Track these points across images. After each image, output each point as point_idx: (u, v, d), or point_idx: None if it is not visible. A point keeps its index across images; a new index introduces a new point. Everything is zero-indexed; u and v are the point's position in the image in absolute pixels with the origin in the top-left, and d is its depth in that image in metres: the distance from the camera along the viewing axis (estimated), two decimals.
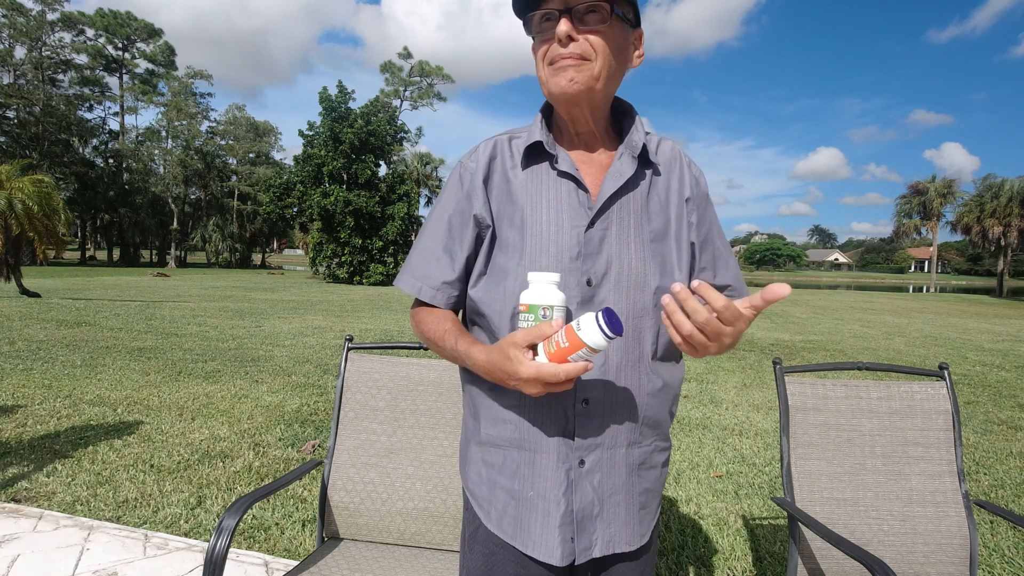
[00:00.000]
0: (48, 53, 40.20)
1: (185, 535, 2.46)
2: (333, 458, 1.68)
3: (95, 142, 44.80)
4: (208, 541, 1.97)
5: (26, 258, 14.97)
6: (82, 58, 43.45)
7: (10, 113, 37.63)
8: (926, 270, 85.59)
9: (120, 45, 46.29)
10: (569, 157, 0.96)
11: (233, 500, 2.27)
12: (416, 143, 47.81)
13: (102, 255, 51.24)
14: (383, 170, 32.39)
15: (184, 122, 47.34)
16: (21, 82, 38.91)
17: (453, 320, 0.99)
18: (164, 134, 48.12)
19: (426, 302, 1.01)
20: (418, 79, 45.20)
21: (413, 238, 29.70)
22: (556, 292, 0.86)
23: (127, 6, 63.04)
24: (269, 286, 21.53)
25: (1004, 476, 3.52)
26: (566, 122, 0.98)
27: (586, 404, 0.92)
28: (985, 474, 3.55)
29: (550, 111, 1.03)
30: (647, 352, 0.95)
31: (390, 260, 28.77)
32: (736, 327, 0.75)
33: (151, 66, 48.89)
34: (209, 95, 76.63)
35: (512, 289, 0.93)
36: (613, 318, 0.76)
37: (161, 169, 47.57)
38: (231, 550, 2.25)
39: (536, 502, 0.94)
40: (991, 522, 2.82)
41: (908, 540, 1.54)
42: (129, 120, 53.95)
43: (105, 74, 46.20)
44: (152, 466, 3.19)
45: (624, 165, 0.95)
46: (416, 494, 1.64)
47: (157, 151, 47.68)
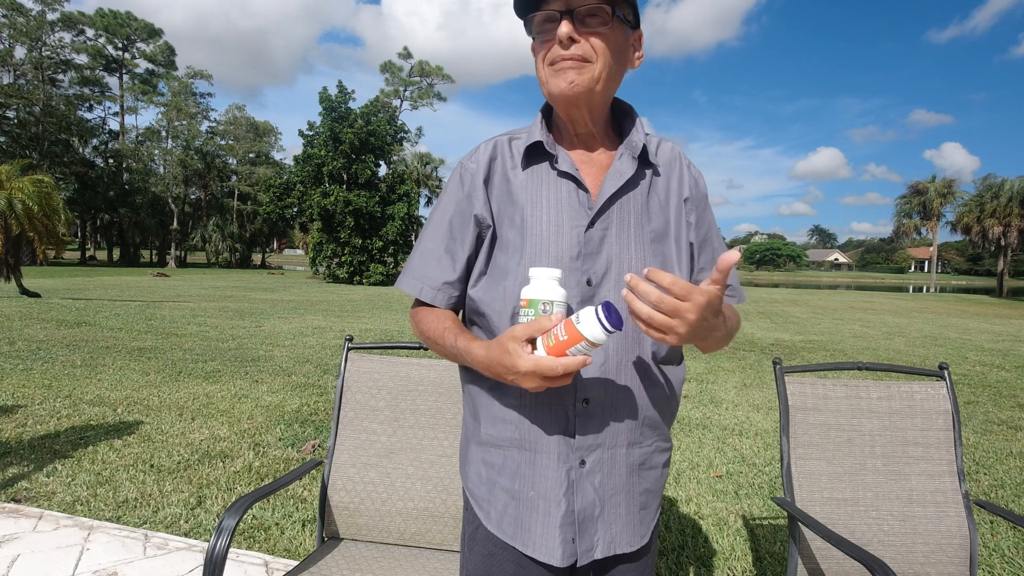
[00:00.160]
0: (48, 53, 40.19)
1: (185, 535, 2.46)
2: (333, 458, 1.68)
3: (95, 142, 44.80)
4: (208, 541, 1.97)
5: (26, 258, 14.98)
6: (82, 58, 43.50)
7: (10, 113, 37.63)
8: (926, 270, 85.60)
9: (120, 45, 46.29)
10: (569, 157, 0.96)
11: (233, 500, 2.27)
12: (416, 143, 47.90)
13: (102, 255, 51.25)
14: (383, 170, 32.40)
15: (184, 122, 47.34)
16: (21, 82, 38.91)
17: (452, 319, 0.99)
18: (164, 134, 48.12)
19: (427, 303, 1.01)
20: (418, 79, 45.22)
21: (413, 238, 29.81)
22: (557, 288, 0.85)
23: (127, 6, 63.22)
24: (269, 286, 21.53)
25: (1004, 476, 3.52)
26: (566, 123, 0.98)
27: (586, 404, 0.92)
28: (985, 474, 3.55)
29: (550, 111, 1.03)
30: (647, 352, 0.95)
31: (390, 260, 28.77)
32: (693, 300, 0.75)
33: (151, 66, 48.91)
34: (209, 95, 76.72)
35: (512, 289, 0.93)
36: (612, 312, 0.76)
37: (161, 169, 47.57)
38: (231, 550, 2.25)
39: (537, 502, 0.94)
40: (991, 522, 2.82)
41: (908, 540, 1.54)
42: (129, 120, 54.05)
43: (105, 74, 46.21)
44: (152, 466, 3.19)
45: (624, 165, 0.96)
46: (416, 494, 1.64)
47: (157, 151, 47.68)
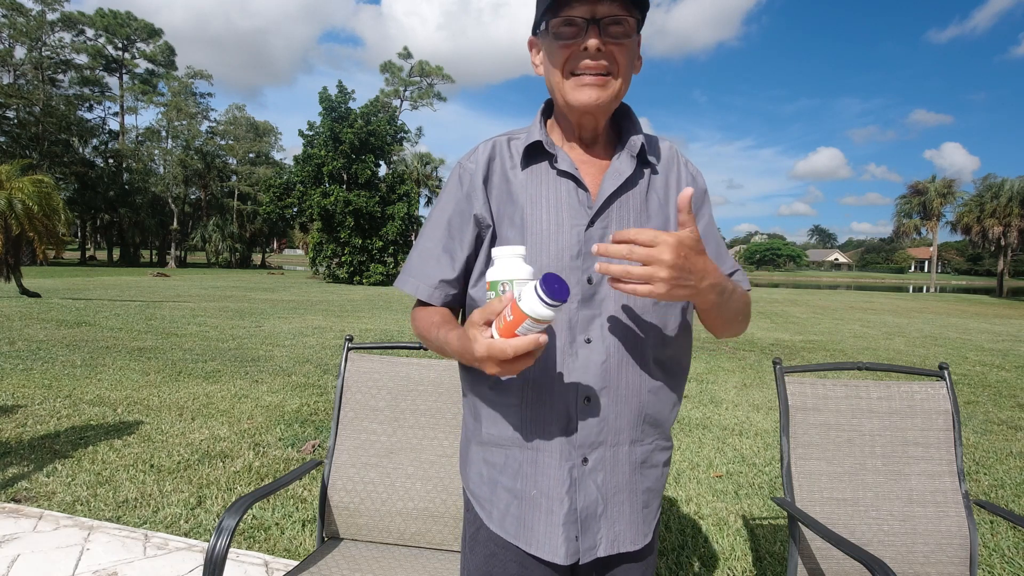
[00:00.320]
0: (48, 53, 40.19)
1: (185, 535, 2.46)
2: (333, 458, 1.68)
3: (95, 142, 44.80)
4: (208, 541, 1.97)
5: (26, 258, 14.98)
6: (82, 58, 43.49)
7: (10, 113, 37.63)
8: (926, 270, 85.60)
9: (120, 45, 46.28)
10: (568, 157, 0.97)
11: (233, 500, 2.27)
12: (416, 143, 47.88)
13: (102, 255, 51.24)
14: (383, 170, 32.39)
15: (184, 122, 47.34)
16: (21, 82, 38.90)
17: (443, 314, 0.99)
18: (164, 134, 48.11)
19: (425, 301, 1.01)
20: (418, 79, 45.21)
21: (413, 238, 29.76)
22: (520, 266, 0.80)
23: (127, 6, 63.16)
24: (269, 286, 21.53)
25: (1004, 476, 3.52)
26: (573, 126, 0.99)
27: (588, 402, 0.92)
28: (985, 474, 3.55)
29: (548, 111, 1.03)
30: (648, 350, 0.95)
31: (390, 260, 28.77)
32: (662, 242, 0.76)
33: (151, 66, 48.89)
34: (209, 95, 76.76)
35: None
36: (554, 284, 0.70)
37: (161, 169, 47.56)
38: (231, 550, 2.25)
39: (539, 501, 0.94)
40: (991, 522, 2.82)
41: (908, 540, 1.54)
42: (129, 120, 54.01)
43: (105, 74, 46.21)
44: (152, 466, 3.19)
45: (623, 164, 0.96)
46: (416, 494, 1.64)
47: (157, 151, 47.67)
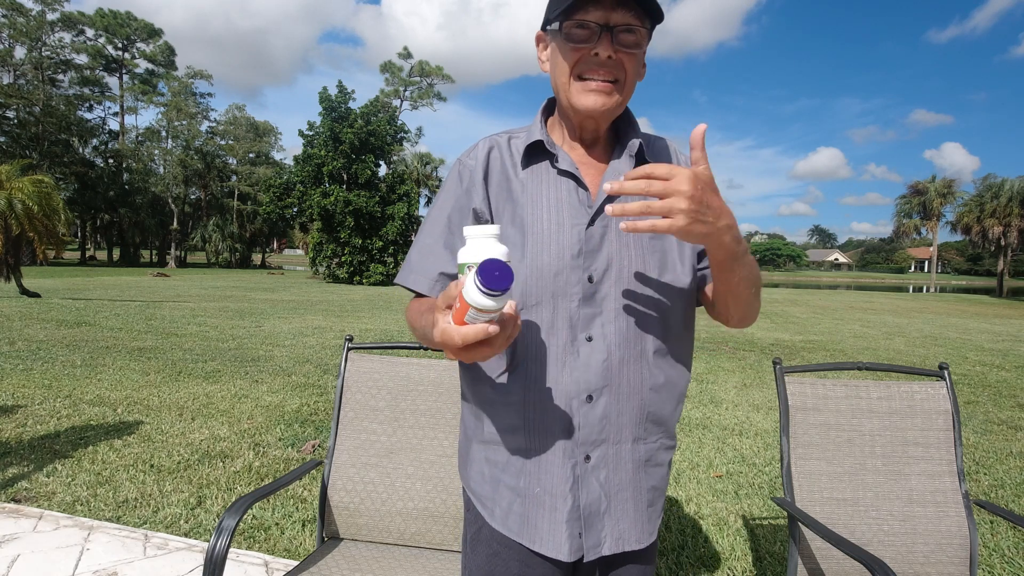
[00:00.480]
0: (48, 53, 40.18)
1: (185, 535, 2.46)
2: (333, 458, 1.68)
3: (95, 142, 44.79)
4: (208, 541, 1.97)
5: (26, 258, 14.98)
6: (82, 58, 43.49)
7: (10, 113, 37.63)
8: (926, 270, 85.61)
9: (120, 45, 46.27)
10: (569, 157, 0.97)
11: (233, 500, 2.27)
12: (416, 143, 47.89)
13: (102, 255, 51.23)
14: (383, 170, 32.38)
15: (184, 122, 47.32)
16: (21, 82, 38.90)
17: (431, 302, 0.97)
18: (164, 134, 48.10)
19: (423, 295, 1.00)
20: (418, 79, 45.21)
21: (413, 238, 29.60)
22: (489, 247, 0.74)
23: (127, 6, 63.25)
24: (269, 286, 21.53)
25: (1004, 476, 3.52)
26: (573, 126, 0.99)
27: (589, 400, 0.93)
28: (985, 474, 3.55)
29: (549, 110, 1.03)
30: (649, 347, 0.95)
31: (390, 260, 28.75)
32: (679, 174, 0.74)
33: (151, 66, 48.88)
34: (209, 95, 76.84)
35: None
36: (493, 271, 0.64)
37: (161, 169, 47.54)
38: (231, 550, 2.25)
39: (543, 498, 0.94)
40: (991, 522, 2.82)
41: (908, 540, 1.54)
42: (129, 120, 54.03)
43: (105, 74, 46.19)
44: (152, 466, 3.19)
45: (622, 164, 0.97)
46: (416, 494, 1.64)
47: (157, 151, 47.66)
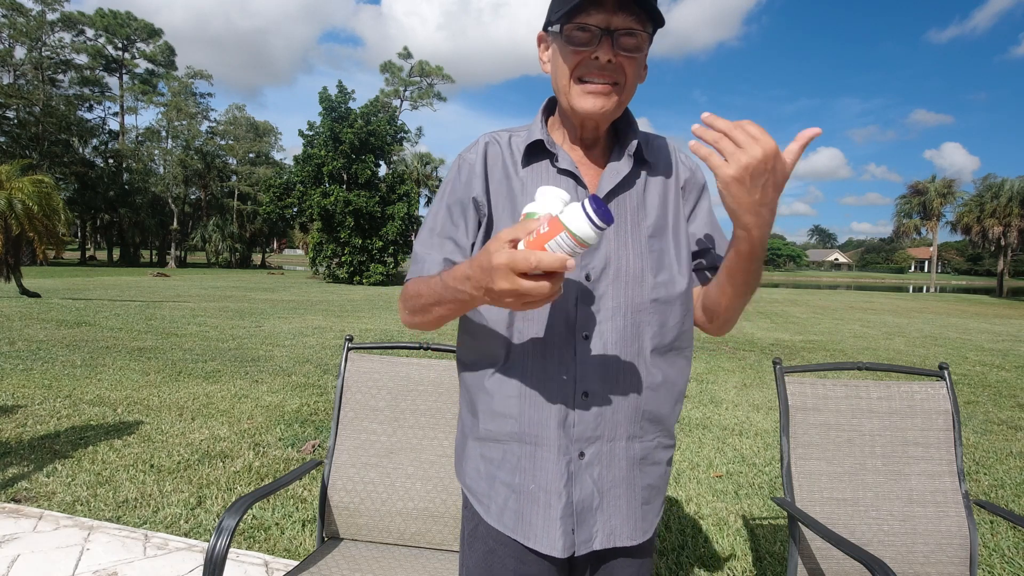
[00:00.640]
0: (48, 53, 40.15)
1: (185, 535, 2.46)
2: (333, 458, 1.68)
3: (95, 142, 44.74)
4: (208, 541, 1.97)
5: (26, 258, 14.99)
6: (82, 58, 43.43)
7: (10, 113, 37.60)
8: (926, 270, 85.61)
9: (120, 45, 46.24)
10: (569, 156, 0.98)
11: (233, 500, 2.27)
12: (416, 143, 47.88)
13: (102, 255, 51.20)
14: (383, 170, 32.36)
15: (184, 122, 47.28)
16: (21, 82, 38.87)
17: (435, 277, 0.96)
18: (164, 134, 48.05)
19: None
20: (418, 79, 45.21)
21: (413, 238, 29.68)
22: (561, 205, 0.79)
23: (127, 6, 63.12)
24: (269, 286, 21.53)
25: (1004, 476, 3.52)
26: (573, 127, 1.00)
27: (585, 396, 0.93)
28: (985, 474, 3.55)
29: (549, 110, 1.04)
30: (646, 346, 0.96)
31: (390, 260, 28.72)
32: (766, 138, 0.73)
33: (151, 66, 48.85)
34: (209, 95, 76.77)
35: None
36: (602, 206, 0.68)
37: (161, 169, 47.50)
38: (231, 550, 2.25)
39: (537, 495, 0.94)
40: (991, 522, 2.82)
41: (908, 540, 1.54)
42: (129, 120, 53.98)
43: (105, 74, 46.15)
44: (152, 466, 3.19)
45: (621, 164, 0.98)
46: (416, 494, 1.64)
47: (157, 151, 47.61)
